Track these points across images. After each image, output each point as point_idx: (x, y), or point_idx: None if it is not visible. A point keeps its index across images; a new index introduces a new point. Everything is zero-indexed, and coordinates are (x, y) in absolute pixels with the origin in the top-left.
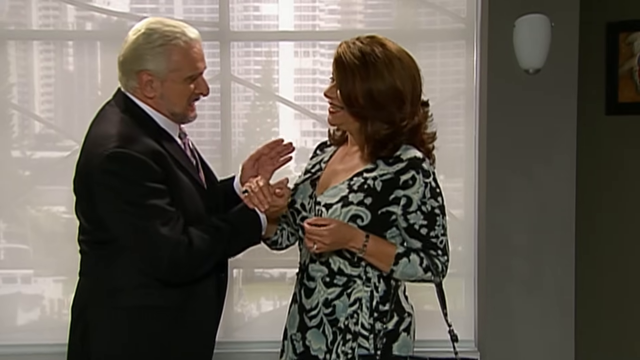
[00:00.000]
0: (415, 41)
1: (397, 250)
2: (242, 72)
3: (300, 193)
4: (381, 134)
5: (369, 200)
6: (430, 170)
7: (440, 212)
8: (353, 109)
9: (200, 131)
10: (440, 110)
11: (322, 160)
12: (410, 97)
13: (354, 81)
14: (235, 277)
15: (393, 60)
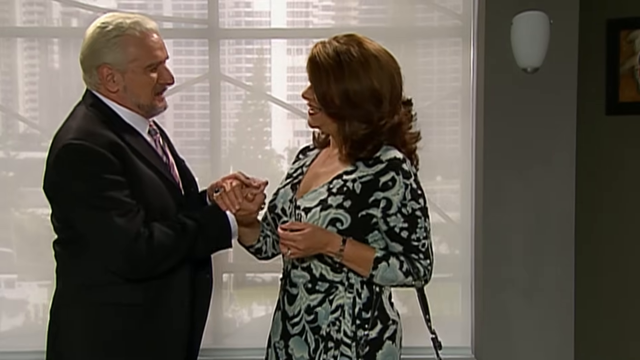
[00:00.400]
0: (411, 39)
1: (376, 254)
2: (233, 71)
3: (280, 198)
4: (359, 134)
5: (348, 203)
6: (411, 171)
7: (422, 214)
8: (330, 110)
9: (190, 131)
10: (437, 110)
11: (304, 164)
12: (389, 96)
13: (329, 82)
14: (226, 281)
15: (369, 59)
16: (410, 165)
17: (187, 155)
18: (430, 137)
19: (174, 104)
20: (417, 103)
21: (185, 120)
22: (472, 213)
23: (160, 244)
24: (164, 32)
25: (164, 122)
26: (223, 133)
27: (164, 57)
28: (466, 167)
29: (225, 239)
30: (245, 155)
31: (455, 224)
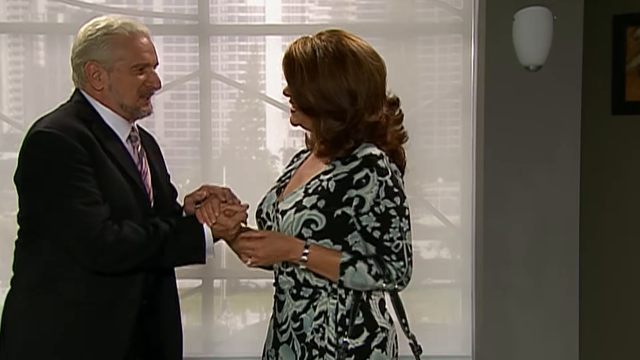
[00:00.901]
0: (411, 35)
1: (342, 259)
2: (226, 68)
3: (266, 202)
4: (334, 131)
5: (322, 202)
6: (387, 168)
7: (397, 213)
8: (304, 106)
9: (181, 131)
10: (438, 109)
11: (293, 167)
12: (365, 94)
13: (302, 79)
14: (218, 287)
15: (345, 55)
16: (388, 163)
17: (179, 157)
18: (431, 137)
19: (164, 102)
20: (417, 102)
21: (177, 120)
22: (473, 216)
23: (128, 238)
24: (154, 28)
25: (154, 122)
26: (215, 133)
27: (153, 61)
28: (467, 169)
29: (197, 250)
30: (239, 156)
31: (455, 228)
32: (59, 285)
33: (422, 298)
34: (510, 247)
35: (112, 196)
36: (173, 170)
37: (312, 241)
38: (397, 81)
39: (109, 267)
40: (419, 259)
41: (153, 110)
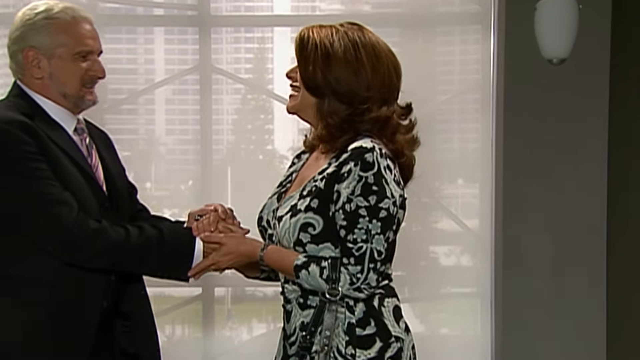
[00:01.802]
0: (429, 26)
1: (296, 261)
2: (232, 62)
3: (266, 209)
4: (339, 115)
5: (316, 202)
6: (375, 162)
7: (368, 213)
8: (310, 84)
9: (184, 129)
10: (456, 105)
11: (295, 170)
12: (379, 85)
13: (315, 58)
14: (223, 296)
15: (366, 44)
16: (379, 157)
17: (180, 156)
18: (449, 136)
19: (165, 98)
20: (434, 98)
21: (179, 117)
22: (492, 220)
23: (105, 231)
24: (153, 19)
25: (154, 119)
26: (219, 131)
27: (97, 49)
28: (485, 170)
29: (183, 265)
30: (245, 156)
31: (473, 233)
32: (16, 286)
33: (439, 307)
34: (532, 253)
35: (71, 189)
36: (175, 171)
37: (311, 247)
38: (413, 75)
39: (81, 261)
40: (437, 266)
41: (98, 100)
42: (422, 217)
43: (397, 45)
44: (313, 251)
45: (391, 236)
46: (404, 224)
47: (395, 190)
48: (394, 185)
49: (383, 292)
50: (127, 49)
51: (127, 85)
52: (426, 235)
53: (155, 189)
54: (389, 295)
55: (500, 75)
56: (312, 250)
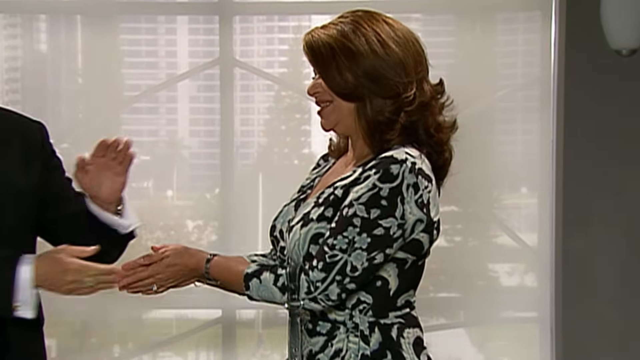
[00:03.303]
0: (478, 13)
1: (247, 269)
2: (264, 54)
3: (281, 218)
4: (385, 111)
5: (330, 211)
6: (399, 176)
7: (361, 225)
8: (344, 91)
9: (210, 130)
10: (511, 103)
11: (318, 175)
12: (413, 63)
13: (337, 63)
14: (252, 319)
15: (380, 25)
16: (407, 172)
17: (206, 161)
18: (503, 138)
19: (189, 95)
20: (486, 95)
21: (204, 117)
22: (552, 235)
23: None
24: (173, 7)
25: (177, 119)
26: (249, 132)
27: None
28: (545, 177)
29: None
30: (278, 160)
31: (531, 250)
32: None
33: (496, 334)
34: (597, 273)
35: None
36: (199, 177)
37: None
38: (466, 69)
39: None
40: (495, 286)
41: None
42: (480, 231)
43: (450, 35)
44: None
45: (379, 258)
46: (459, 238)
47: (412, 212)
48: (413, 206)
49: (403, 321)
50: (146, 40)
51: (146, 81)
52: (484, 251)
53: (177, 198)
54: (410, 325)
55: (561, 69)
56: None
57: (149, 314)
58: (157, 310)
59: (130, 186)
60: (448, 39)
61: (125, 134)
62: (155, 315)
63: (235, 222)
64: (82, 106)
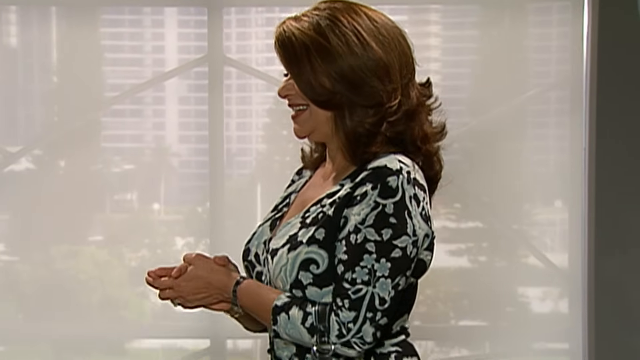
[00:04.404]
0: (505, 3)
1: (276, 301)
2: (263, 50)
3: (255, 240)
4: (366, 123)
5: (322, 233)
6: (399, 189)
7: (376, 250)
8: (320, 98)
9: (202, 135)
10: (537, 105)
11: (294, 190)
12: (398, 65)
13: (312, 62)
14: (249, 349)
15: (361, 20)
16: (406, 183)
17: (197, 170)
18: (534, 145)
19: (178, 96)
20: (517, 96)
21: (194, 120)
22: (584, 255)
23: None
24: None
25: (164, 122)
26: (247, 138)
27: None
28: (576, 190)
29: None
30: (279, 169)
31: (560, 272)
32: None
33: None
34: (636, 299)
35: None
36: (190, 188)
37: (313, 290)
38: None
39: None
40: (526, 313)
41: None
42: (507, 250)
43: (476, 27)
44: (315, 296)
45: (402, 283)
46: (484, 258)
47: (420, 227)
48: (420, 220)
49: (400, 349)
50: (130, 33)
51: (130, 80)
52: (513, 273)
53: (165, 212)
54: (407, 354)
55: (593, 66)
56: (314, 294)
57: (131, 343)
58: (140, 340)
59: (112, 199)
60: (471, 33)
61: (105, 140)
62: (140, 346)
63: (230, 239)
64: (57, 108)
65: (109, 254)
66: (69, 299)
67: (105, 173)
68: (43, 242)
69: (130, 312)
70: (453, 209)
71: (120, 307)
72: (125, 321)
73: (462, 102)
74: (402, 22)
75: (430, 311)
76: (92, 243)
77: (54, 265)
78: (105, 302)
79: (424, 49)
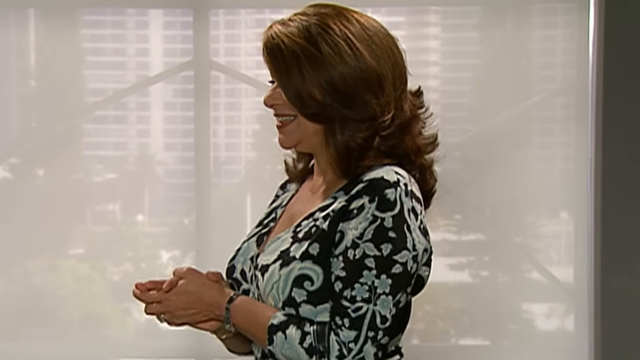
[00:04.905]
0: (508, 3)
1: (272, 320)
2: (253, 53)
3: (241, 256)
4: (359, 137)
5: (316, 248)
6: (398, 201)
7: (376, 266)
8: (309, 110)
9: (189, 143)
10: (546, 111)
11: (280, 205)
12: (391, 77)
13: (302, 71)
14: None
15: (354, 28)
16: (406, 195)
17: (183, 180)
18: (539, 153)
19: (164, 101)
20: (521, 102)
21: (181, 127)
22: (590, 271)
23: None
24: (146, 2)
25: (149, 129)
26: (235, 145)
27: None
28: (582, 201)
29: None
30: (270, 179)
31: (564, 288)
32: None
33: None
34: None
35: None
36: (175, 199)
37: (307, 308)
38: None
39: None
40: (532, 331)
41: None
42: (511, 264)
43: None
44: (308, 314)
45: (403, 300)
46: (486, 272)
47: (420, 241)
48: (419, 234)
49: None
50: (113, 35)
51: (113, 84)
52: (517, 288)
53: (149, 224)
54: None
55: (599, 70)
56: (308, 312)
57: None
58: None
59: (94, 210)
60: (472, 35)
61: (86, 147)
62: None
63: (217, 252)
64: (35, 114)
65: (90, 268)
66: (47, 315)
67: (87, 182)
68: (20, 255)
69: (112, 329)
70: (453, 221)
71: (102, 324)
72: (106, 339)
73: (463, 108)
74: (399, 23)
75: (429, 329)
76: (73, 256)
77: (31, 280)
78: (86, 319)
79: (423, 52)
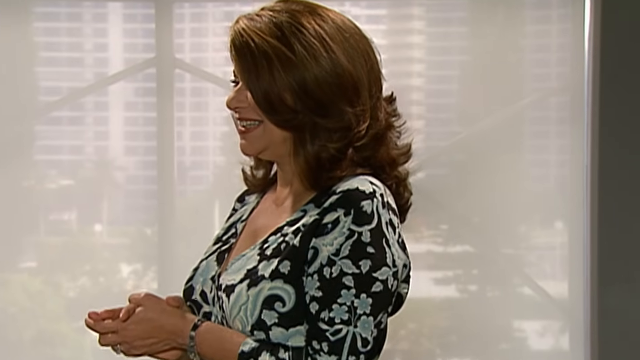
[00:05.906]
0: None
1: (242, 347)
2: (221, 49)
3: (200, 276)
4: (331, 147)
5: (287, 266)
6: (375, 214)
7: (355, 284)
8: (278, 116)
9: (151, 146)
10: (540, 112)
11: (239, 219)
12: (367, 84)
13: (272, 71)
14: None
15: (328, 28)
16: (382, 206)
17: (145, 186)
18: (533, 158)
19: (125, 101)
20: (513, 103)
21: (143, 130)
22: (586, 286)
23: None
24: None
25: (108, 131)
26: (202, 150)
27: None
28: (578, 208)
29: None
30: (240, 185)
31: (557, 304)
32: None
33: None
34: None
35: None
36: (137, 207)
37: (277, 331)
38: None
39: None
40: (516, 350)
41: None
42: (502, 278)
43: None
44: (280, 338)
45: (384, 320)
46: (475, 287)
47: (399, 256)
48: (398, 249)
49: None
50: (68, 29)
51: (68, 83)
52: (507, 304)
53: (107, 234)
54: None
55: (595, 69)
56: (279, 336)
57: None
58: None
59: (47, 219)
60: (460, 30)
61: (39, 151)
62: None
63: (182, 266)
64: None
65: (43, 283)
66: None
67: (39, 189)
68: None
69: (67, 350)
70: (439, 231)
71: (57, 344)
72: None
73: (450, 108)
74: (380, 17)
75: (414, 348)
76: (24, 270)
77: None
78: (39, 338)
79: (406, 48)
